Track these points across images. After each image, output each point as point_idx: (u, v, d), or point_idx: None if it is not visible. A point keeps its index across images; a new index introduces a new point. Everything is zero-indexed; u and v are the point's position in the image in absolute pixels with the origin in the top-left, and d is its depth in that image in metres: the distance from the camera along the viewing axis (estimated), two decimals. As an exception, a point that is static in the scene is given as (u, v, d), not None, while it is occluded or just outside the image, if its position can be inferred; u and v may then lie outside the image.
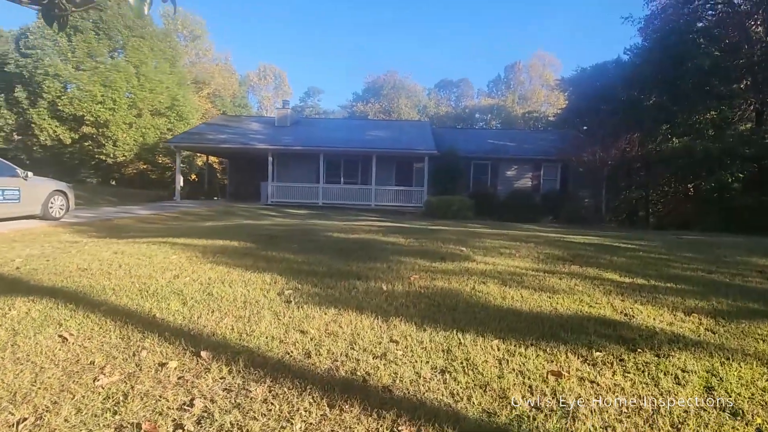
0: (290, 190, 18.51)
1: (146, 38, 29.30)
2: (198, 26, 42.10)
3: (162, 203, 16.61)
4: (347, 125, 24.30)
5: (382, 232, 7.15)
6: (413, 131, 21.21)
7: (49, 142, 26.36)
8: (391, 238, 6.32)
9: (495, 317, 3.10)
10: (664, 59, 17.01)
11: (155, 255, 4.80)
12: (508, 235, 7.30)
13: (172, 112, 30.35)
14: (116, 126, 26.68)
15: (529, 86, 63.38)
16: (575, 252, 5.68)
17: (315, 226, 7.92)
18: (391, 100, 55.76)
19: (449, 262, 4.76)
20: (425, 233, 7.20)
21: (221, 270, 4.20)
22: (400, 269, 4.41)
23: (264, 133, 20.15)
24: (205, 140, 18.51)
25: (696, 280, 4.37)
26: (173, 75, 31.30)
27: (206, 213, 12.46)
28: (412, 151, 18.10)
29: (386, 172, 19.55)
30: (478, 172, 19.72)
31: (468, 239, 6.48)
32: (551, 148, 19.56)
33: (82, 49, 26.05)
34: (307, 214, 14.47)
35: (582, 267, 4.75)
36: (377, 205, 18.26)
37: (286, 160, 19.74)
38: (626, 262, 5.15)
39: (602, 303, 3.49)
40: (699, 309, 3.41)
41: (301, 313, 3.10)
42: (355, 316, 3.07)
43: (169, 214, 11.43)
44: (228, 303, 3.29)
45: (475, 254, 5.28)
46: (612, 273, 4.53)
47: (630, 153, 16.06)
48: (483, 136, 23.25)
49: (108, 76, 26.27)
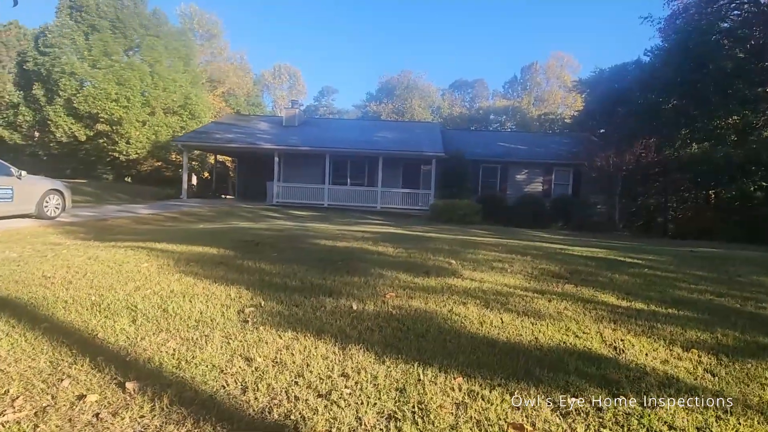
0: (296, 190, 18.39)
1: (161, 37, 29.61)
2: (214, 25, 42.50)
3: (168, 202, 16.66)
4: (355, 126, 24.12)
5: (374, 239, 6.88)
6: (421, 133, 20.89)
7: (65, 138, 26.85)
8: (380, 247, 6.05)
9: (466, 348, 2.79)
10: (685, 61, 16.31)
11: (127, 262, 4.63)
12: (506, 246, 6.95)
13: (185, 111, 30.62)
14: (129, 124, 27.02)
15: (546, 87, 62.27)
16: (574, 267, 5.31)
17: (307, 231, 7.69)
18: (404, 100, 55.45)
19: (433, 277, 4.46)
20: (419, 242, 6.90)
21: (188, 282, 3.98)
22: (378, 284, 4.13)
23: (271, 133, 20.08)
24: (212, 139, 18.52)
25: (702, 305, 3.98)
26: (187, 74, 31.59)
27: (207, 213, 12.37)
28: (420, 153, 17.79)
29: (393, 174, 19.28)
30: (487, 176, 19.29)
31: (461, 250, 6.16)
32: (564, 152, 18.99)
33: (99, 48, 26.46)
34: (309, 216, 14.29)
35: (577, 286, 4.40)
36: (383, 208, 18.01)
37: (292, 160, 19.64)
38: (628, 281, 4.77)
39: (591, 332, 3.15)
40: (700, 343, 3.05)
41: (255, 336, 2.86)
42: (312, 342, 2.80)
43: (169, 214, 11.37)
44: (180, 322, 3.06)
45: (464, 268, 4.97)
46: (609, 294, 4.17)
47: (646, 158, 15.43)
48: (493, 138, 22.78)
49: (122, 75, 26.63)
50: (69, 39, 26.23)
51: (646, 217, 18.24)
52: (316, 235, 7.11)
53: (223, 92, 45.38)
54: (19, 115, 26.70)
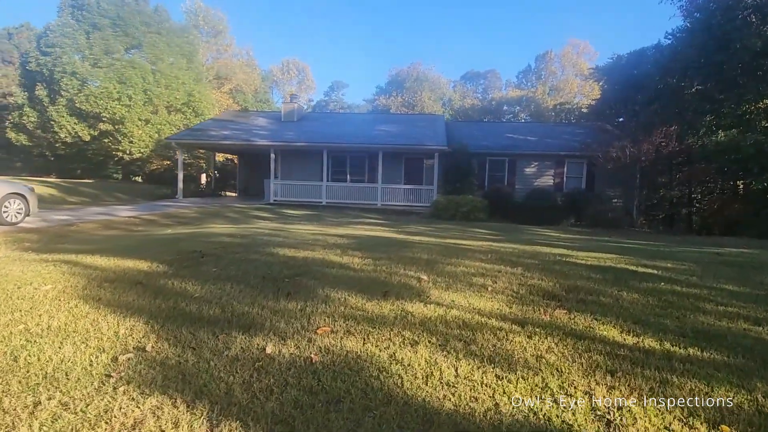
0: (293, 188, 17.70)
1: (163, 34, 29.24)
2: (219, 22, 42.06)
3: (160, 202, 16.17)
4: (356, 120, 23.26)
5: (346, 247, 6.06)
6: (424, 125, 19.89)
7: (70, 139, 26.77)
8: (345, 258, 5.23)
9: (389, 428, 1.96)
10: (709, 41, 14.88)
11: (30, 283, 3.92)
12: (498, 252, 6.04)
13: (189, 108, 30.29)
14: (132, 123, 26.78)
15: (561, 76, 60.06)
16: (572, 283, 4.40)
17: (276, 237, 6.92)
18: (413, 93, 54.26)
19: (390, 301, 3.62)
20: (398, 249, 6.06)
21: (80, 312, 3.24)
22: (316, 313, 3.32)
23: (268, 129, 19.41)
24: (207, 137, 17.95)
25: (734, 341, 3.04)
26: (190, 71, 31.20)
27: (190, 215, 11.76)
28: (421, 146, 16.85)
29: (394, 170, 18.41)
30: (494, 169, 18.23)
31: (441, 260, 5.29)
32: (576, 142, 17.78)
33: (100, 46, 26.21)
34: (301, 216, 13.57)
35: (570, 313, 3.50)
36: (384, 205, 17.18)
37: (290, 156, 18.95)
38: (637, 303, 3.84)
39: (577, 393, 2.27)
40: (732, 414, 2.14)
41: (102, 405, 2.08)
42: (173, 416, 2.01)
43: (149, 216, 10.80)
44: (21, 379, 2.31)
45: (435, 286, 4.11)
46: (611, 325, 3.26)
47: (666, 148, 14.15)
48: (501, 130, 21.61)
49: (124, 73, 26.35)
50: (70, 38, 26.03)
51: (668, 210, 16.85)
52: (283, 241, 6.33)
53: (230, 89, 45.04)
54: (24, 116, 26.72)
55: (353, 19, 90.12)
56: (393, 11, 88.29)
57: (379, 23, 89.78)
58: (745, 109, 15.30)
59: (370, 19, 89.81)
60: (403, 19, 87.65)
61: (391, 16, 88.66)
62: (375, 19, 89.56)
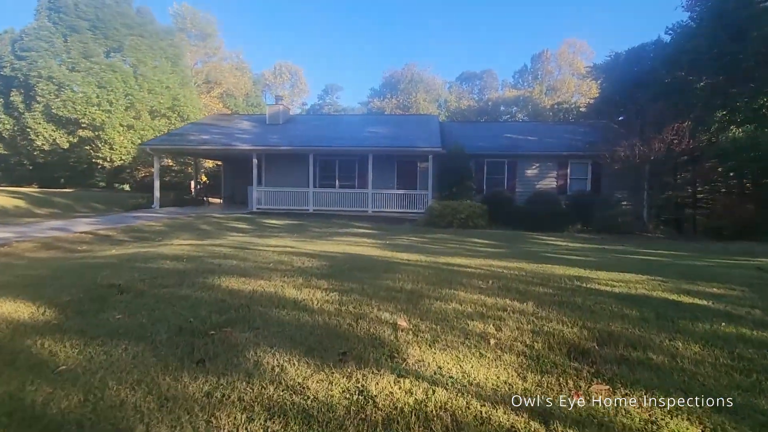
0: (278, 195, 16.54)
1: (146, 36, 28.12)
2: (208, 24, 40.96)
3: (132, 213, 15.00)
4: (345, 122, 22.12)
5: (311, 274, 4.91)
6: (416, 126, 18.77)
7: (47, 146, 25.56)
8: (304, 292, 4.07)
9: None
10: (720, 30, 13.82)
11: None
12: (501, 277, 4.90)
13: (174, 113, 29.14)
14: (112, 129, 25.61)
15: (558, 76, 59.16)
16: (604, 326, 3.25)
17: (234, 258, 5.76)
18: (408, 94, 53.25)
19: (348, 371, 2.46)
20: (373, 274, 4.90)
21: None
22: (229, 401, 2.16)
23: (252, 133, 18.27)
24: (184, 142, 16.78)
25: None
26: (175, 74, 30.07)
27: (157, 228, 10.58)
28: (414, 148, 15.72)
29: (386, 174, 17.28)
30: (493, 172, 17.11)
31: (428, 292, 4.14)
32: (580, 142, 16.69)
33: (78, 50, 25.07)
34: (283, 226, 12.40)
35: (614, 389, 2.34)
36: (375, 212, 16.03)
37: (275, 162, 17.81)
38: (703, 361, 2.69)
39: None
40: None
41: None
42: None
43: (106, 231, 9.62)
44: None
45: (417, 338, 2.96)
46: (683, 416, 2.10)
47: (679, 146, 13.06)
48: (499, 130, 20.49)
49: (103, 77, 25.19)
50: (47, 42, 24.88)
51: (675, 213, 15.68)
52: (236, 266, 5.17)
53: (220, 93, 43.94)
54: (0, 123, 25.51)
55: (347, 21, 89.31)
56: (387, 12, 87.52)
57: (374, 25, 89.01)
58: (762, 102, 14.21)
59: (364, 21, 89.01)
60: (398, 20, 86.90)
61: (386, 18, 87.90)
62: (369, 21, 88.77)
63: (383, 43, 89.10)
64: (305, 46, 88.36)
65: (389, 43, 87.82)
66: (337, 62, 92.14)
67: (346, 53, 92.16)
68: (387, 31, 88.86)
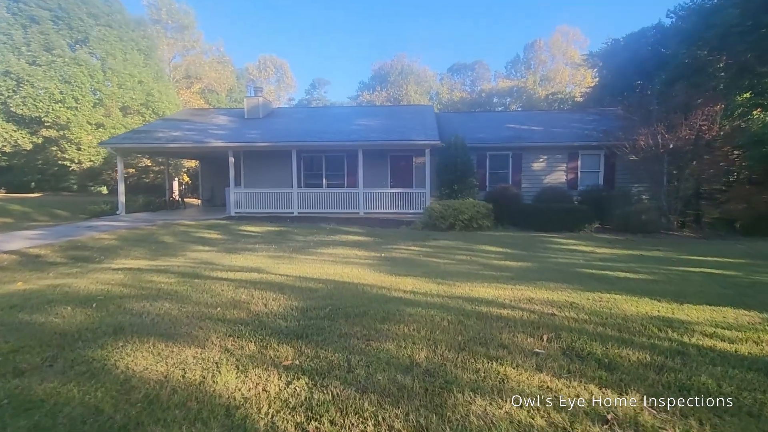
0: (259, 197, 14.78)
1: (114, 27, 25.97)
2: (185, 16, 38.66)
3: (91, 222, 13.17)
4: (332, 114, 20.29)
5: (268, 333, 3.26)
6: (411, 117, 17.05)
7: (8, 148, 23.44)
8: (250, 381, 2.42)
9: None
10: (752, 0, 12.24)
11: None
12: (555, 323, 3.30)
13: (148, 110, 27.10)
14: (79, 127, 23.55)
15: (551, 65, 57.67)
16: None
17: (169, 298, 4.08)
18: (398, 87, 51.40)
19: None
20: (365, 332, 3.26)
21: None
22: None
23: (227, 128, 16.43)
24: (150, 139, 14.89)
25: None
26: (148, 68, 27.98)
27: (108, 242, 8.80)
28: (409, 142, 14.03)
29: (378, 171, 15.60)
30: (496, 166, 15.50)
31: (458, 371, 2.53)
32: (591, 131, 15.16)
33: (38, 42, 22.90)
34: (261, 235, 10.68)
35: None
36: (367, 213, 14.37)
37: (255, 160, 16.03)
38: None
39: None
40: None
41: None
42: None
43: (38, 249, 7.83)
44: None
45: None
46: None
47: (709, 132, 11.57)
48: (500, 120, 18.85)
49: (67, 71, 23.09)
50: (4, 34, 22.69)
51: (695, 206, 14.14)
52: (158, 318, 3.50)
53: (201, 89, 41.80)
54: (-46, 124, 23.29)
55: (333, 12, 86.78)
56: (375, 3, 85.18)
57: (361, 14, 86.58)
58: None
59: (351, 11, 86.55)
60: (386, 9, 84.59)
61: (374, 9, 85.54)
62: (356, 11, 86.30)
63: (371, 35, 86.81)
64: (290, 39, 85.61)
65: (378, 34, 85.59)
66: (325, 55, 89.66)
67: (334, 46, 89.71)
68: (375, 23, 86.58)
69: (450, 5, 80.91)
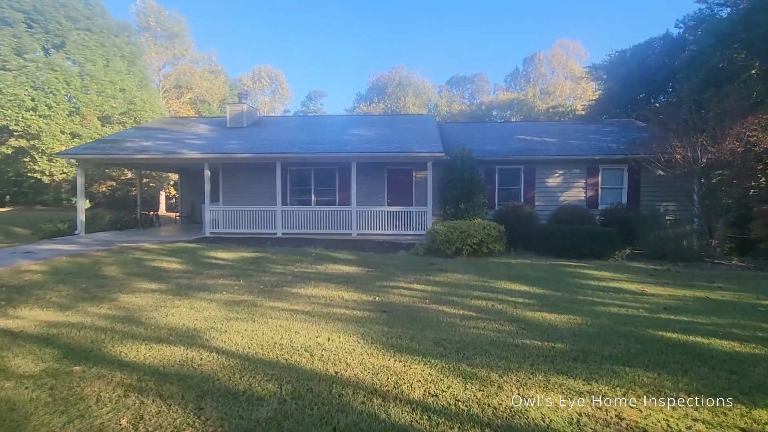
0: (238, 215, 12.99)
1: (95, 32, 24.40)
2: (176, 24, 37.28)
3: (33, 245, 11.30)
4: (323, 123, 18.59)
5: None
6: (411, 128, 15.38)
7: (-26, 159, 21.69)
8: None
9: None
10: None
11: None
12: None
13: (129, 119, 25.38)
14: (52, 137, 21.74)
15: (551, 79, 56.75)
16: None
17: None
18: (396, 99, 50.08)
19: None
20: None
21: None
22: None
23: (206, 138, 14.69)
24: (117, 150, 13.09)
25: None
26: (132, 75, 26.36)
27: (28, 278, 6.95)
28: (409, 154, 12.32)
29: (374, 187, 13.86)
30: (506, 182, 13.80)
31: None
32: (612, 143, 13.53)
33: (9, 45, 21.23)
34: (233, 264, 8.82)
35: None
36: (360, 235, 12.58)
37: (235, 173, 14.27)
38: None
39: None
40: None
41: None
42: None
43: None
44: None
45: None
46: None
47: (761, 144, 9.93)
48: (508, 130, 17.21)
49: (40, 77, 21.41)
50: (-28, 36, 21.08)
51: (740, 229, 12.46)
52: None
53: (191, 98, 40.24)
54: None
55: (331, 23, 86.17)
56: (372, 16, 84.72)
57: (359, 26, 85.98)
58: None
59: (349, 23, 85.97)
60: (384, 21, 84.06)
61: (371, 21, 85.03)
62: (354, 22, 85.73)
63: (369, 48, 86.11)
64: (286, 50, 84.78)
65: (375, 47, 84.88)
66: (322, 67, 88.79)
67: (331, 58, 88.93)
68: (373, 34, 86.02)
69: (449, 17, 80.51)
